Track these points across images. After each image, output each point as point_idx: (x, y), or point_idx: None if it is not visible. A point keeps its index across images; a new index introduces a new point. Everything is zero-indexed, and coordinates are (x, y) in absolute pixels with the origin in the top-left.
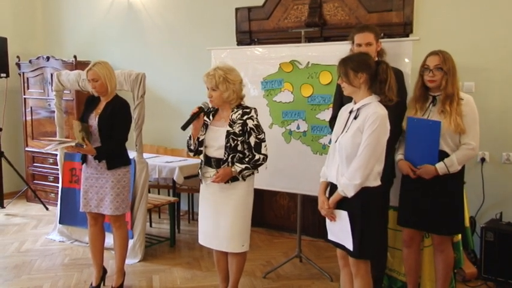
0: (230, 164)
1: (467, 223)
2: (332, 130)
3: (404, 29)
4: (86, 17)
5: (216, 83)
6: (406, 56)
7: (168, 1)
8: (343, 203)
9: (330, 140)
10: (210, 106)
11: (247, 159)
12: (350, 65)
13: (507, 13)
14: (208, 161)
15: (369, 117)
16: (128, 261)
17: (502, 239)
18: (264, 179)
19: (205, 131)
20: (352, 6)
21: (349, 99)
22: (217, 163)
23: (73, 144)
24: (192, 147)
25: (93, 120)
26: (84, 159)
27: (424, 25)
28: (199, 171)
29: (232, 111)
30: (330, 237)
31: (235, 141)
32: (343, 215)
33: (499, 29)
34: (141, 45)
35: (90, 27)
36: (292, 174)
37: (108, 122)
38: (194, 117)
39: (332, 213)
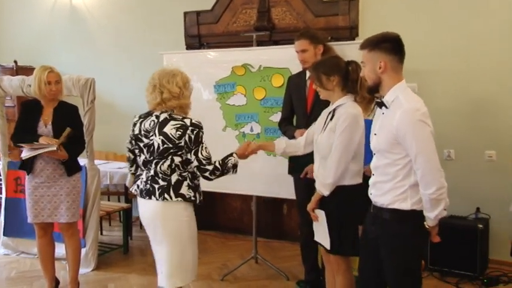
0: None
1: None
2: (282, 132)
3: (351, 32)
4: (26, 21)
5: None
6: (352, 59)
7: (113, 4)
8: (322, 202)
9: None
10: None
11: None
12: (321, 69)
13: (449, 17)
14: None
15: (340, 117)
16: (81, 270)
17: (446, 231)
18: (218, 182)
19: None
20: (300, 11)
21: (298, 103)
22: None
23: (54, 148)
24: None
25: (44, 128)
26: (30, 169)
27: (369, 29)
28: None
29: None
30: (315, 238)
31: None
32: (321, 214)
33: (440, 32)
34: (88, 49)
35: (31, 31)
36: (246, 176)
37: (64, 128)
38: None
39: (314, 213)
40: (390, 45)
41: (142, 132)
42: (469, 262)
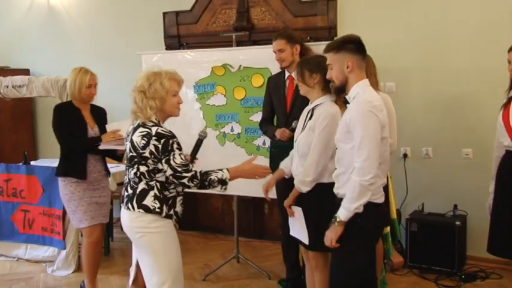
0: None
1: (394, 215)
2: (263, 133)
3: (329, 32)
4: (2, 21)
5: None
6: None
7: (91, 3)
8: (300, 199)
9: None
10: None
11: None
12: (306, 66)
13: (424, 16)
14: None
15: (319, 116)
16: (61, 272)
17: (425, 229)
18: None
19: None
20: (279, 11)
21: (278, 102)
22: None
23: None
24: None
25: (91, 131)
26: (84, 174)
27: (347, 29)
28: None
29: None
30: (291, 232)
31: None
32: (298, 210)
33: (416, 32)
34: (66, 49)
35: (7, 31)
36: None
37: (104, 131)
38: None
39: (291, 209)
40: (354, 45)
41: (128, 136)
42: (448, 258)
